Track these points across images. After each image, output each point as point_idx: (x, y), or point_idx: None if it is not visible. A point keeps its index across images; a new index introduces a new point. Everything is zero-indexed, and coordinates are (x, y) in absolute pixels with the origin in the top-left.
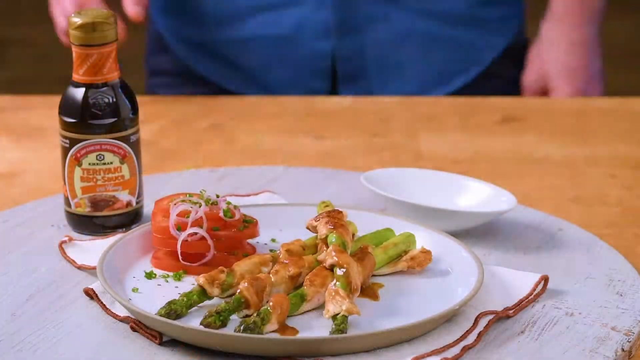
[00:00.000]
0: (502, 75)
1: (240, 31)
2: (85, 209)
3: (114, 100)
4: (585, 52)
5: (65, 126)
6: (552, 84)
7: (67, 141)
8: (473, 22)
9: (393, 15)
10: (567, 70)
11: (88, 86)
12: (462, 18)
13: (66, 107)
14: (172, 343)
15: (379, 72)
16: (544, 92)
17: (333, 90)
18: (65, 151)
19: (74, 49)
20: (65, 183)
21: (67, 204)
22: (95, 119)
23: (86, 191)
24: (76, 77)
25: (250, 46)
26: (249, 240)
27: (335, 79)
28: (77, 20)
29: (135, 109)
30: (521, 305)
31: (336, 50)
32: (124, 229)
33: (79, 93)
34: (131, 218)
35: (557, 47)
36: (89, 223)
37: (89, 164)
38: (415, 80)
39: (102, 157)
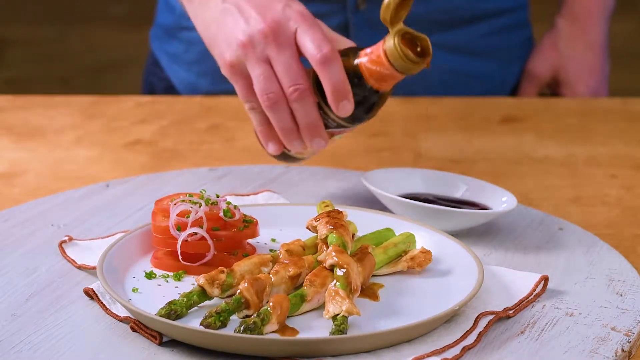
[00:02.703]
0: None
1: None
2: (305, 156)
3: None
4: (602, 52)
5: (346, 120)
6: (567, 79)
7: (334, 123)
8: (490, 52)
9: None
10: (586, 68)
11: (378, 95)
12: (479, 49)
13: (361, 104)
14: (172, 343)
15: None
16: (553, 83)
17: None
18: (325, 126)
19: (389, 68)
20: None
21: (285, 148)
22: (366, 117)
23: None
24: (373, 83)
25: None
26: (249, 240)
27: None
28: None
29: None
30: (521, 305)
31: None
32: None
33: (370, 96)
34: None
35: (575, 44)
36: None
37: (338, 137)
38: None
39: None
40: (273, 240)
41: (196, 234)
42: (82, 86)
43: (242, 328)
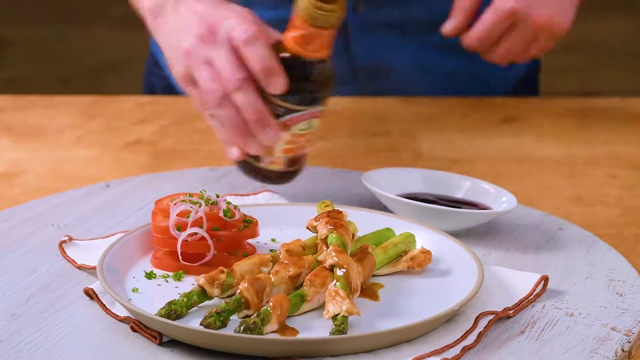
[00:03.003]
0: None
1: None
2: (280, 167)
3: (332, 75)
4: None
5: (285, 99)
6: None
7: (282, 109)
8: None
9: (413, 53)
10: None
11: (317, 64)
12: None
13: (295, 82)
14: (172, 343)
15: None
16: (514, 16)
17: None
18: (276, 117)
19: (311, 29)
20: None
21: (257, 160)
22: (319, 94)
23: (287, 152)
24: (307, 53)
25: None
26: (249, 240)
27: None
28: (327, 5)
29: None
30: (521, 305)
31: (360, 93)
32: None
33: (308, 69)
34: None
35: None
36: (282, 177)
37: (300, 130)
38: None
39: (311, 124)
40: (273, 240)
41: (196, 234)
42: (82, 86)
43: (242, 328)
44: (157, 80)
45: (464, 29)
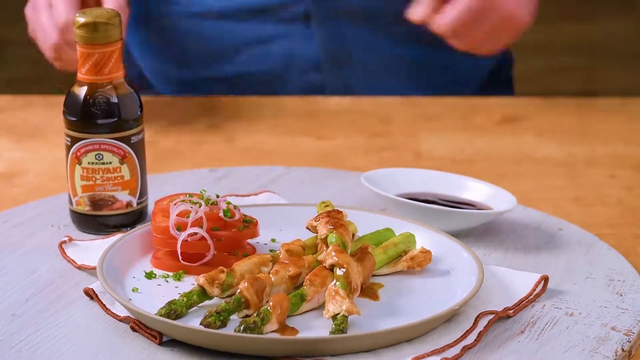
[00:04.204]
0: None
1: (228, 68)
2: (85, 208)
3: (115, 100)
4: None
5: (68, 124)
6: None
7: (69, 139)
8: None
9: (379, 42)
10: None
11: (90, 85)
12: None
13: (69, 106)
14: (172, 343)
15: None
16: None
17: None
18: (67, 149)
19: (78, 48)
20: (67, 181)
21: (70, 202)
22: (95, 118)
23: (86, 190)
24: (80, 75)
25: (239, 82)
26: (249, 240)
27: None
28: (81, 20)
29: (138, 110)
30: (521, 305)
31: (326, 82)
32: (125, 229)
33: (81, 92)
34: (132, 219)
35: None
36: (89, 222)
37: (88, 163)
38: None
39: (100, 157)
40: (273, 240)
41: (196, 234)
42: None
43: (242, 328)
44: (129, 69)
45: (432, 15)
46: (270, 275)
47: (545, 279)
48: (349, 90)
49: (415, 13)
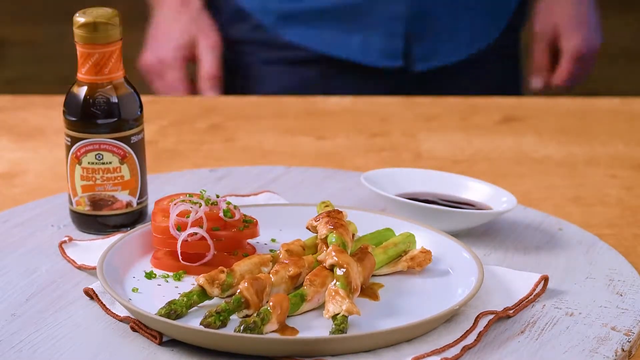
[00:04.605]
0: (498, 69)
1: (320, 2)
2: (85, 208)
3: (115, 100)
4: (586, 3)
5: (68, 124)
6: (562, 33)
7: (69, 139)
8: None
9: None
10: (575, 20)
11: (90, 85)
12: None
13: (69, 106)
14: (172, 343)
15: (444, 30)
16: (553, 41)
17: (406, 51)
18: (68, 149)
19: (78, 48)
20: (67, 181)
21: (70, 202)
22: (94, 118)
23: (86, 190)
24: (79, 75)
25: (329, 15)
26: (249, 240)
27: (408, 40)
28: (81, 20)
29: (138, 109)
30: (521, 305)
31: (410, 12)
32: (125, 229)
33: (81, 92)
34: (132, 219)
35: (564, 1)
36: (90, 221)
37: (88, 163)
38: (465, 36)
39: (100, 157)
40: (273, 240)
41: (196, 234)
42: None
43: (242, 328)
44: (224, 4)
45: (550, 78)
46: (270, 276)
47: (545, 279)
48: (429, 20)
49: (536, 83)
